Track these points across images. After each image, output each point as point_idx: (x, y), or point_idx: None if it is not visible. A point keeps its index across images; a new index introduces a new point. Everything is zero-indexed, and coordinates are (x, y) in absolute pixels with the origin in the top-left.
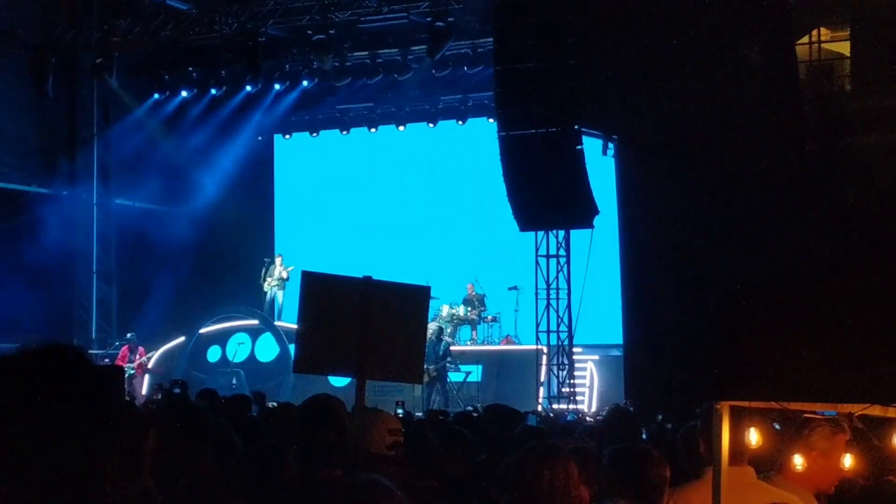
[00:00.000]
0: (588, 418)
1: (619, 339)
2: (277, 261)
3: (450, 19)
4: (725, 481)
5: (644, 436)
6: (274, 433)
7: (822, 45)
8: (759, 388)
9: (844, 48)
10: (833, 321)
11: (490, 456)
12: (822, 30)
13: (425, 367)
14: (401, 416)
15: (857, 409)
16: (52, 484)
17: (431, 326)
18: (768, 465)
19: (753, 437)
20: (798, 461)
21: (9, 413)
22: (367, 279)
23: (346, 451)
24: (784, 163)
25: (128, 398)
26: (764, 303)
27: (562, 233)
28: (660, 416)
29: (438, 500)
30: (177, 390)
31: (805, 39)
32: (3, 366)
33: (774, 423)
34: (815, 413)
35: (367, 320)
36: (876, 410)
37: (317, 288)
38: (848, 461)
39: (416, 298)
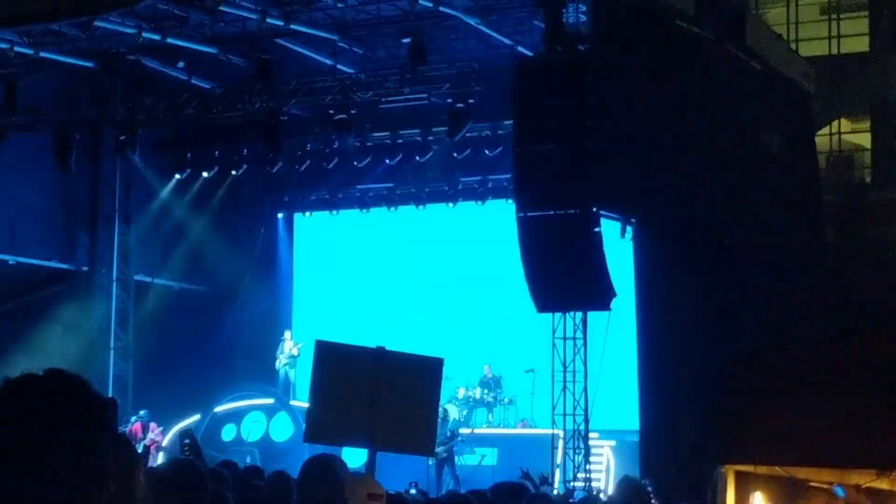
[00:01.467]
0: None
1: (637, 425)
2: (286, 336)
3: (470, 101)
4: None
5: None
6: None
7: (843, 136)
8: (763, 451)
9: (865, 140)
10: (840, 388)
11: None
12: (843, 121)
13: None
14: (413, 494)
15: (864, 480)
16: None
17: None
18: None
19: (759, 501)
20: None
21: (10, 437)
22: (380, 349)
23: None
24: (803, 251)
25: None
26: (770, 367)
27: (579, 315)
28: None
29: None
30: (186, 441)
31: (825, 130)
32: (6, 390)
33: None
34: (821, 484)
35: (378, 390)
36: (883, 483)
37: (330, 357)
38: None
39: (428, 370)
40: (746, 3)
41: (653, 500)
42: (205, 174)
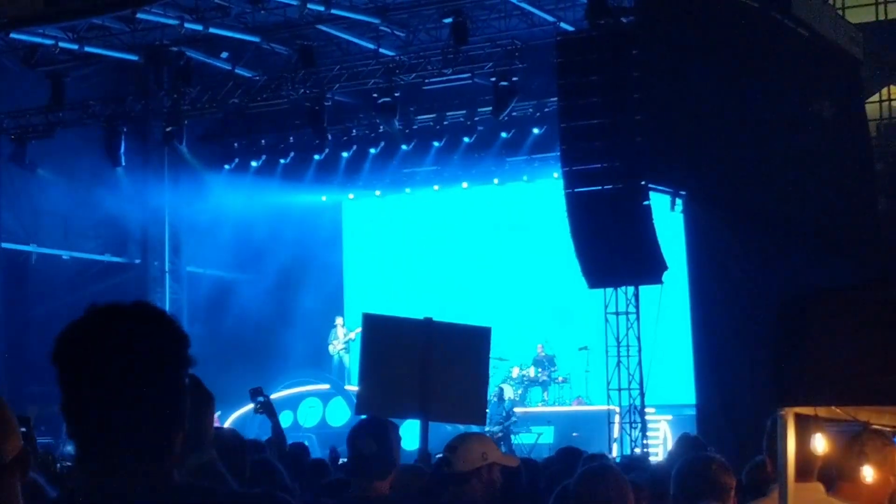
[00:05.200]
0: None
1: (693, 399)
2: (338, 322)
3: (514, 79)
4: (793, 494)
5: None
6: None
7: (893, 103)
8: (824, 392)
9: None
10: None
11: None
12: (892, 87)
13: (489, 429)
14: None
15: None
16: (127, 447)
17: (493, 388)
18: (828, 484)
19: (820, 443)
20: (852, 475)
21: (101, 368)
22: (428, 321)
23: (388, 464)
24: (857, 219)
25: None
26: (829, 304)
27: (631, 289)
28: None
29: None
30: (260, 399)
31: (875, 98)
32: (98, 318)
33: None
34: (882, 426)
35: (428, 361)
36: None
37: (378, 330)
38: None
39: (477, 339)
40: None
41: (715, 454)
42: (253, 163)
